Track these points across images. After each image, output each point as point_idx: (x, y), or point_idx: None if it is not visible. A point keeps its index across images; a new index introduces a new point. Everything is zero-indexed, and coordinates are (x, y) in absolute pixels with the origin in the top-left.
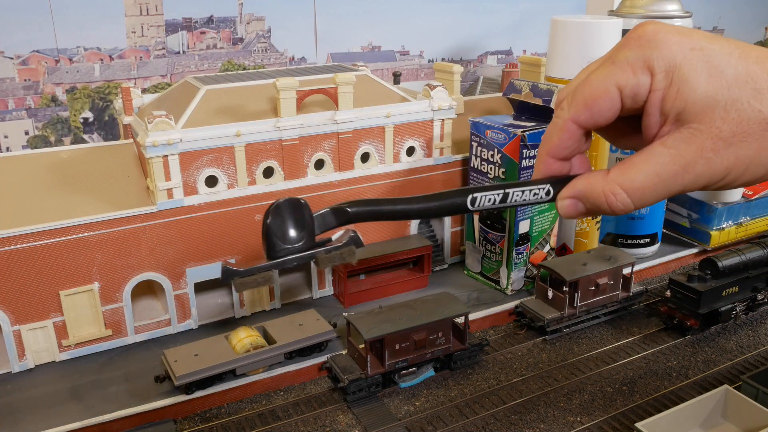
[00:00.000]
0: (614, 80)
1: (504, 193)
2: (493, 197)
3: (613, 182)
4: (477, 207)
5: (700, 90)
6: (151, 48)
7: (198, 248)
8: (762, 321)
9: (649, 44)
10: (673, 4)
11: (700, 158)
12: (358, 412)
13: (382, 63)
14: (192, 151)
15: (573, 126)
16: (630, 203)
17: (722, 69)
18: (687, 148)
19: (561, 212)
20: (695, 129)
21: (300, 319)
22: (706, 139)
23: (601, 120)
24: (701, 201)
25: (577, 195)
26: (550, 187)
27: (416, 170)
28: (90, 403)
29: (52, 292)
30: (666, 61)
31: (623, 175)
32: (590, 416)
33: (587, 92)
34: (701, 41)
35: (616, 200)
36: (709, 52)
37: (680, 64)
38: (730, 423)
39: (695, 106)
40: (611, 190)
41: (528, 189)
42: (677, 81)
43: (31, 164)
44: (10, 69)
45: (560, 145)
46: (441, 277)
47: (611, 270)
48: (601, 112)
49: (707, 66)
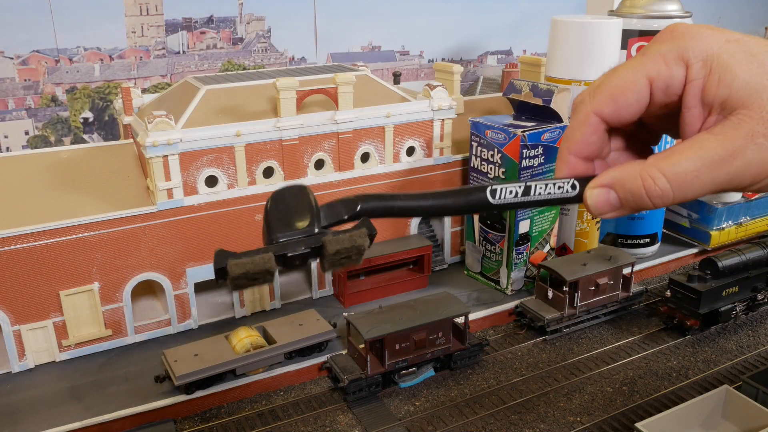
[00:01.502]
0: (644, 71)
1: (526, 186)
2: (515, 189)
3: (652, 166)
4: (498, 200)
5: (743, 75)
6: (151, 48)
7: (198, 248)
8: (762, 321)
9: (682, 36)
10: (673, 4)
11: (750, 143)
12: (358, 412)
13: (382, 63)
14: (192, 151)
15: (596, 119)
16: (669, 190)
17: (761, 56)
18: (736, 133)
19: (590, 203)
20: (744, 114)
21: (300, 319)
22: (757, 123)
23: (626, 114)
24: (701, 201)
25: (610, 182)
26: (577, 181)
27: (416, 170)
28: (90, 403)
29: (52, 292)
30: (702, 51)
31: (664, 160)
32: (590, 416)
33: (614, 83)
34: (735, 34)
35: (656, 185)
36: (745, 42)
37: (718, 54)
38: (730, 423)
39: (741, 92)
40: (650, 173)
41: (552, 182)
42: (717, 69)
43: (31, 164)
44: (10, 69)
45: (584, 140)
46: (441, 277)
47: (611, 270)
48: (628, 104)
49: (746, 54)
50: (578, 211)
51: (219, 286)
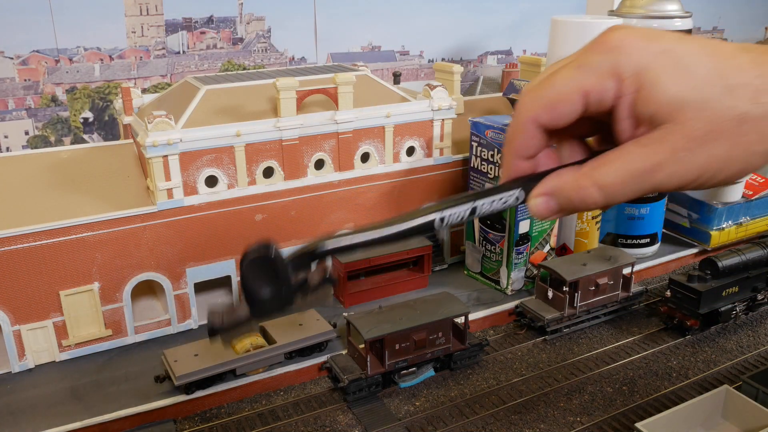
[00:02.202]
0: (579, 84)
1: (472, 208)
2: (462, 213)
3: (585, 177)
4: (444, 226)
5: (670, 91)
6: (151, 48)
7: (198, 248)
8: (762, 321)
9: (616, 50)
10: (673, 4)
11: (672, 157)
12: (358, 412)
13: (382, 63)
14: (192, 151)
15: (534, 125)
16: (601, 198)
17: (692, 69)
18: (659, 147)
19: (533, 211)
20: (668, 129)
21: (300, 319)
22: (678, 138)
23: (561, 122)
24: (701, 201)
25: (550, 191)
26: (520, 192)
27: (416, 170)
28: (90, 403)
29: (52, 292)
30: (634, 65)
31: (596, 171)
32: (590, 416)
33: (551, 94)
34: (669, 43)
35: (588, 194)
36: (678, 53)
37: (649, 67)
38: (730, 423)
39: (667, 107)
40: (583, 184)
41: (497, 198)
42: (647, 84)
43: (31, 164)
44: (10, 69)
45: (524, 144)
46: (441, 277)
47: (611, 270)
48: (563, 114)
49: (677, 67)
50: None
51: (219, 285)
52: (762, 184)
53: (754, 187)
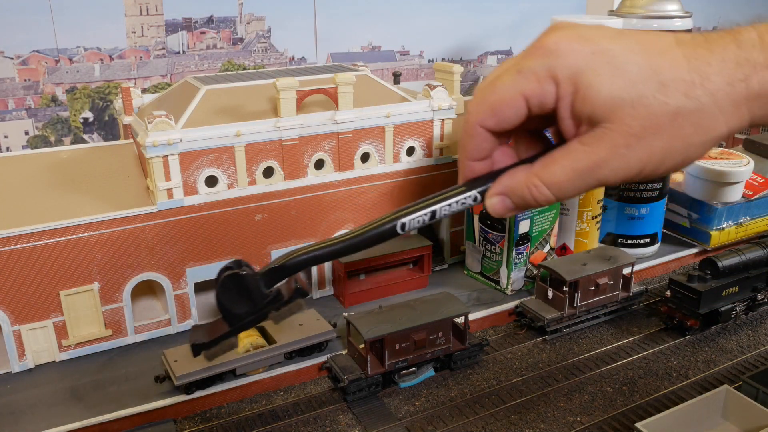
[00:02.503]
0: (520, 89)
1: (432, 212)
2: (422, 218)
3: (534, 176)
4: (406, 231)
5: (605, 92)
6: (151, 48)
7: (198, 248)
8: (762, 321)
9: (552, 54)
10: (673, 4)
11: (613, 154)
12: (358, 412)
13: (382, 63)
14: (192, 151)
15: (482, 130)
16: (550, 195)
17: (625, 68)
18: (600, 145)
19: (491, 210)
20: (607, 128)
21: (300, 319)
22: (617, 136)
23: (507, 125)
24: (701, 201)
25: (504, 191)
26: (477, 193)
27: (416, 170)
28: (90, 403)
29: (52, 292)
30: (569, 68)
31: (544, 170)
32: (590, 416)
33: (494, 99)
34: (602, 43)
35: (539, 192)
36: (611, 53)
37: (583, 70)
38: (730, 423)
39: (603, 108)
40: (533, 183)
41: (455, 200)
42: (582, 86)
43: (31, 164)
44: (10, 69)
45: (475, 148)
46: (441, 277)
47: (611, 270)
48: (508, 117)
49: (610, 67)
50: (578, 211)
51: None
52: (762, 184)
53: (754, 187)
